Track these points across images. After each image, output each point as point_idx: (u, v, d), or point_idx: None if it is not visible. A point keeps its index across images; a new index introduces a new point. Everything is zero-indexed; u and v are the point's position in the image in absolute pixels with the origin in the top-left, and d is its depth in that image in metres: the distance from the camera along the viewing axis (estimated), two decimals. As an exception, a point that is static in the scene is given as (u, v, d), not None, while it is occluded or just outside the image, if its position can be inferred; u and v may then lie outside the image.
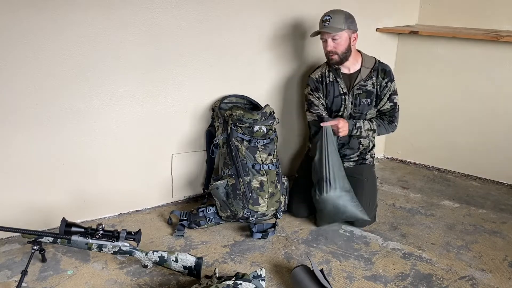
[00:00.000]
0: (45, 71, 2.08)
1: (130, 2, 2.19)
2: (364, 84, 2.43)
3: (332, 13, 2.34)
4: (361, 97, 2.44)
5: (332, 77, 2.46)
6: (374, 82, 2.44)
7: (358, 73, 2.44)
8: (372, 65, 2.45)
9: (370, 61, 2.46)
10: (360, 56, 2.47)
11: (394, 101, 2.48)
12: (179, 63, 2.41)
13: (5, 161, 2.12)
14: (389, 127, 2.50)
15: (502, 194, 2.93)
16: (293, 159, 3.02)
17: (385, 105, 2.47)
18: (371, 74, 2.43)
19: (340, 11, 2.36)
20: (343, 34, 2.33)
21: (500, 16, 3.02)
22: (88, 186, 2.37)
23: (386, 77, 2.44)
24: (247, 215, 2.28)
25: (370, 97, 2.45)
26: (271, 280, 2.00)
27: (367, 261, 2.17)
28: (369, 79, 2.43)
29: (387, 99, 2.46)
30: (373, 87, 2.44)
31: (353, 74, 2.45)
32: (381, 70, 2.44)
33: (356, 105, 2.45)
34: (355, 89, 2.43)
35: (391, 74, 2.46)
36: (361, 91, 2.44)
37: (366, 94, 2.44)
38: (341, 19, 2.32)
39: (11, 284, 1.90)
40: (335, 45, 2.35)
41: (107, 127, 2.32)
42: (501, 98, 2.96)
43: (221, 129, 2.43)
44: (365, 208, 2.41)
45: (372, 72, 2.43)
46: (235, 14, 2.50)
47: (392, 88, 2.46)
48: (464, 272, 2.11)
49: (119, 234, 1.91)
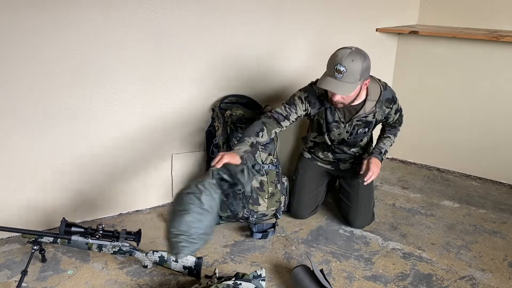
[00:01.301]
0: (45, 71, 2.08)
1: (130, 2, 2.19)
2: (365, 116, 2.25)
3: (347, 62, 1.95)
4: (358, 128, 2.29)
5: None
6: (376, 113, 2.26)
7: (362, 105, 2.20)
8: (378, 96, 2.21)
9: (375, 91, 2.21)
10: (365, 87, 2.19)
11: (400, 113, 2.37)
12: (179, 63, 2.41)
13: (5, 161, 2.12)
14: (399, 127, 2.43)
15: (502, 194, 2.93)
16: (293, 159, 3.01)
17: (393, 119, 2.35)
18: (375, 109, 2.23)
19: (358, 58, 1.96)
20: (356, 87, 2.02)
21: (500, 16, 3.02)
22: (88, 186, 2.37)
23: (390, 104, 2.26)
24: (247, 215, 2.28)
25: (368, 126, 2.31)
26: (271, 280, 2.00)
27: (367, 261, 2.17)
28: (371, 113, 2.25)
29: (393, 116, 2.32)
30: (373, 118, 2.27)
31: (356, 106, 2.21)
32: (386, 101, 2.23)
33: (352, 134, 2.31)
34: (355, 120, 2.25)
35: (393, 99, 2.27)
36: (360, 122, 2.27)
37: (365, 124, 2.29)
38: (358, 72, 1.96)
39: (11, 284, 1.90)
40: (343, 97, 2.08)
41: (107, 127, 2.32)
42: (501, 98, 2.96)
43: (221, 129, 2.43)
44: (362, 211, 2.42)
45: (376, 105, 2.22)
46: (235, 14, 2.50)
47: (397, 106, 2.31)
48: (464, 272, 2.11)
49: (119, 234, 1.91)
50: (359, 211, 2.43)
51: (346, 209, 2.47)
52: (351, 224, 2.45)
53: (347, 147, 2.42)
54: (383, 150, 2.35)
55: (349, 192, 2.46)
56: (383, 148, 2.36)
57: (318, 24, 2.81)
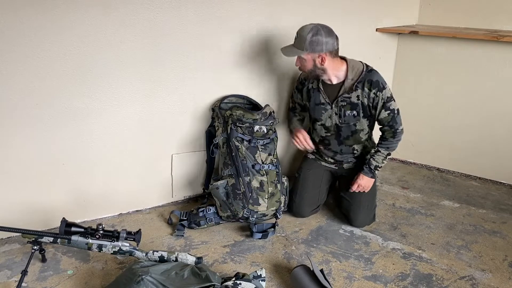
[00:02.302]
0: (45, 71, 2.08)
1: (130, 2, 2.18)
2: (348, 96, 2.30)
3: (300, 31, 2.22)
4: (345, 109, 2.33)
5: (316, 85, 2.39)
6: (359, 95, 2.29)
7: (342, 85, 2.31)
8: (358, 76, 2.28)
9: (355, 71, 2.29)
10: (345, 66, 2.30)
11: (391, 107, 2.31)
12: (179, 63, 2.41)
13: (5, 161, 2.12)
14: (396, 138, 2.38)
15: (502, 194, 2.93)
16: (293, 159, 3.02)
17: (381, 115, 2.33)
18: (356, 87, 2.28)
19: (307, 30, 2.17)
20: (306, 56, 2.21)
21: (500, 16, 3.02)
22: (88, 186, 2.37)
23: (373, 88, 2.27)
24: (247, 215, 2.28)
25: (355, 109, 2.32)
26: (271, 280, 2.00)
27: (367, 261, 2.17)
28: (352, 92, 2.29)
29: (381, 108, 2.31)
30: (358, 99, 2.30)
31: (336, 85, 2.33)
32: (367, 82, 2.27)
33: (341, 116, 2.35)
34: (339, 101, 2.32)
35: (379, 83, 2.27)
36: (345, 103, 2.32)
37: (350, 106, 2.32)
38: (303, 40, 2.17)
39: (11, 284, 1.90)
40: (300, 62, 2.27)
41: (107, 127, 2.32)
42: (501, 98, 2.96)
43: (221, 129, 2.43)
44: (364, 209, 2.43)
45: (357, 84, 2.28)
46: (235, 14, 2.50)
47: (384, 96, 2.29)
48: (464, 272, 2.11)
49: (119, 234, 1.90)
50: (361, 209, 2.43)
51: (347, 207, 2.47)
52: (352, 222, 2.45)
53: (345, 141, 2.44)
54: (372, 166, 2.40)
55: (351, 194, 2.46)
56: (373, 164, 2.40)
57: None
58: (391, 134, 2.38)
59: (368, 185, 2.42)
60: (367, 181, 2.41)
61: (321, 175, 2.57)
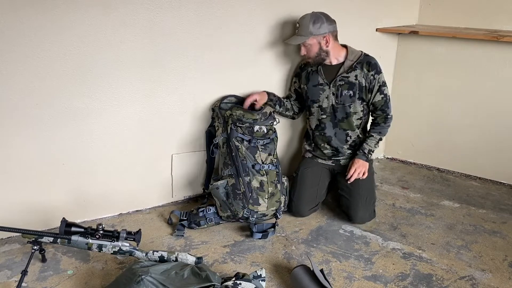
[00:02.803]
0: (45, 71, 2.08)
1: (130, 2, 2.19)
2: (347, 76, 2.45)
3: (301, 20, 2.40)
4: (342, 88, 2.46)
5: (315, 67, 2.52)
6: (357, 75, 2.44)
7: (341, 65, 2.47)
8: (357, 58, 2.46)
9: (355, 54, 2.48)
10: (345, 50, 2.49)
11: (384, 92, 2.49)
12: (179, 63, 2.41)
13: (5, 161, 2.12)
14: (386, 123, 2.54)
15: (502, 194, 2.93)
16: (293, 159, 3.02)
17: (376, 97, 2.49)
18: (355, 66, 2.44)
19: (308, 17, 2.38)
20: (311, 40, 2.38)
21: (500, 16, 3.02)
22: (88, 186, 2.37)
23: (372, 69, 2.45)
24: (247, 215, 2.28)
25: (352, 89, 2.46)
26: (271, 280, 2.00)
27: (367, 261, 2.17)
28: (351, 71, 2.44)
29: (377, 91, 2.47)
30: (356, 79, 2.44)
31: (336, 66, 2.48)
32: (366, 63, 2.45)
33: (338, 96, 2.47)
34: (338, 80, 2.46)
35: (377, 66, 2.47)
36: (343, 83, 2.45)
37: (348, 85, 2.45)
38: (307, 27, 2.36)
39: (11, 284, 1.90)
40: (306, 50, 2.43)
41: (107, 127, 2.32)
42: (501, 98, 2.96)
43: (221, 129, 2.43)
44: (363, 204, 2.43)
45: (356, 64, 2.44)
46: (235, 14, 2.50)
47: (380, 80, 2.47)
48: (464, 272, 2.11)
49: (119, 234, 1.90)
50: (360, 205, 2.43)
51: (346, 204, 2.48)
52: (352, 219, 2.45)
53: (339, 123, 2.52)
54: (366, 150, 2.50)
55: (348, 186, 2.48)
56: (366, 148, 2.51)
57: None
58: (383, 120, 2.54)
59: (364, 168, 2.48)
60: (362, 164, 2.48)
61: (319, 173, 2.58)
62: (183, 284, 1.71)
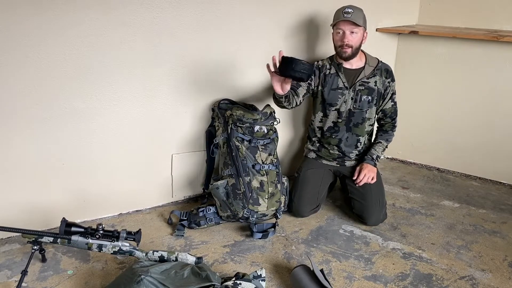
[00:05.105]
0: (45, 71, 2.08)
1: (130, 2, 2.18)
2: (367, 81, 2.46)
3: (353, 8, 2.35)
4: (362, 93, 2.46)
5: (334, 70, 2.48)
6: (377, 81, 2.46)
7: (362, 70, 2.46)
8: (376, 64, 2.48)
9: (373, 60, 2.50)
10: (364, 55, 2.50)
11: (395, 100, 2.54)
12: (179, 63, 2.41)
13: (5, 161, 2.12)
14: (393, 130, 2.60)
15: (502, 194, 2.93)
16: (293, 159, 3.02)
17: (387, 104, 2.52)
18: (375, 72, 2.46)
19: (360, 8, 2.37)
20: (361, 30, 2.36)
21: (500, 16, 3.02)
22: (88, 186, 2.37)
23: (389, 76, 2.49)
24: (247, 215, 2.28)
25: (371, 94, 2.47)
26: (271, 280, 2.00)
27: (367, 261, 2.17)
28: (372, 76, 2.46)
29: (389, 99, 2.51)
30: (375, 85, 2.46)
31: (357, 70, 2.47)
32: (384, 70, 2.49)
33: (357, 101, 2.47)
34: (357, 85, 2.45)
35: (392, 74, 2.52)
36: (363, 88, 2.46)
37: (367, 91, 2.46)
38: (361, 16, 2.35)
39: (11, 284, 1.90)
40: (352, 38, 2.35)
41: (107, 127, 2.32)
42: (501, 98, 2.96)
43: (221, 129, 2.43)
44: (376, 207, 2.44)
45: (375, 70, 2.46)
46: (236, 14, 2.50)
47: (394, 88, 2.52)
48: (464, 272, 2.11)
49: (119, 234, 1.90)
50: (374, 207, 2.44)
51: (360, 207, 2.47)
52: (366, 221, 2.45)
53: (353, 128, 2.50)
54: (374, 156, 2.53)
55: (360, 190, 2.47)
56: (374, 154, 2.54)
57: (318, 24, 2.81)
58: (391, 127, 2.59)
59: (373, 173, 2.48)
60: (371, 169, 2.49)
61: (321, 174, 2.57)
62: (183, 284, 1.71)
